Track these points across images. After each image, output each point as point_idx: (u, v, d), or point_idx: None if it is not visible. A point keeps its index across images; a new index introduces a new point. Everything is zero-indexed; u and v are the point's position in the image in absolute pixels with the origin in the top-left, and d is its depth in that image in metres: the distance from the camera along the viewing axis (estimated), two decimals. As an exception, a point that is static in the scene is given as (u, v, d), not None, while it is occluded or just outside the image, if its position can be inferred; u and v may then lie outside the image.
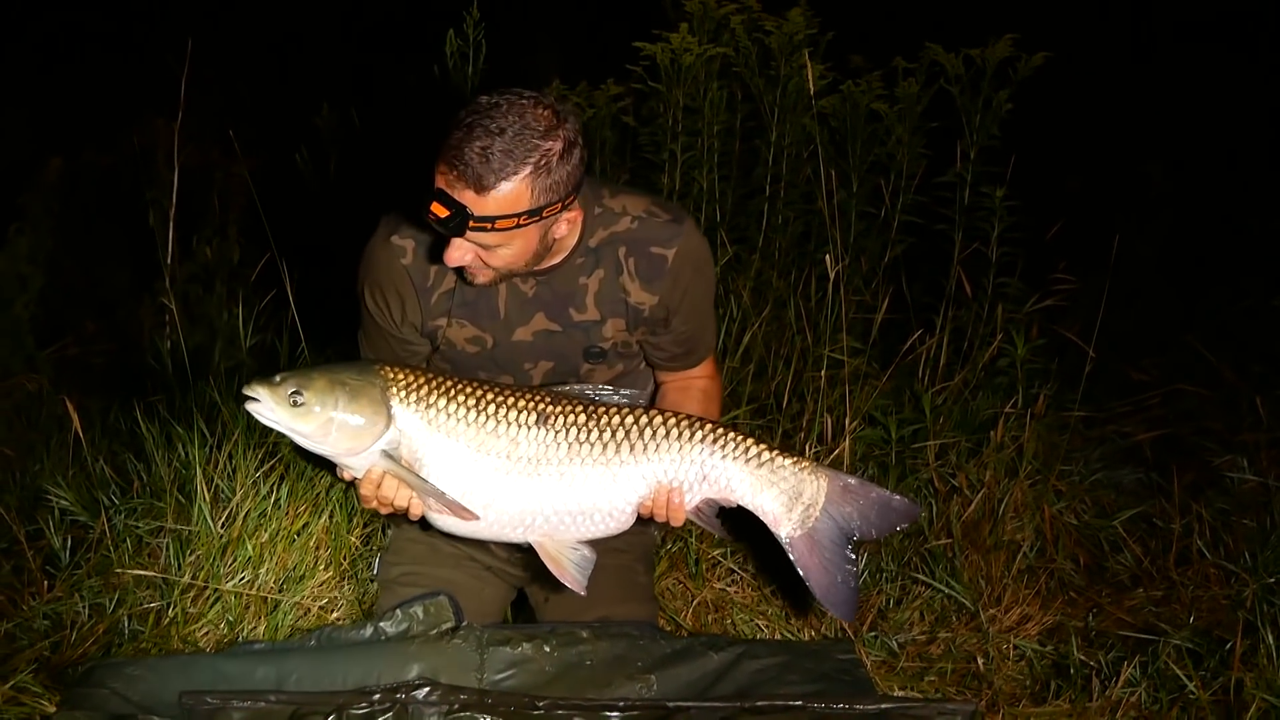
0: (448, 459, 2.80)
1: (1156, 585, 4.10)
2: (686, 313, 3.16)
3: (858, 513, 2.89)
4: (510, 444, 2.81)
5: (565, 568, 2.89)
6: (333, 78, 7.96)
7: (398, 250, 3.06)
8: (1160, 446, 4.94)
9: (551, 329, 3.10)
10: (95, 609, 3.57)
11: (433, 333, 3.13)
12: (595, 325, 3.11)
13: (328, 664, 2.80)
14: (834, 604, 2.93)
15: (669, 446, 2.85)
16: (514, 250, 2.82)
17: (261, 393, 2.71)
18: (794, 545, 2.90)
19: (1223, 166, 7.87)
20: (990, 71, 4.70)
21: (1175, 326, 5.97)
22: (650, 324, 3.14)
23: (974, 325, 4.78)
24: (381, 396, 2.76)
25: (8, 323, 5.57)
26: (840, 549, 2.90)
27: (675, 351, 3.25)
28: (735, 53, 4.96)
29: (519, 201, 2.71)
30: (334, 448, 2.76)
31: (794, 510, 2.88)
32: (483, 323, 3.10)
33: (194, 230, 5.78)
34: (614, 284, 3.07)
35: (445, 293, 3.08)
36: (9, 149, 7.66)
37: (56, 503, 4.01)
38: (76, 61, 9.20)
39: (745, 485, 2.88)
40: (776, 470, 2.87)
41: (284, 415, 2.71)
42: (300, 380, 2.72)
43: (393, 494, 2.81)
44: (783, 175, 5.09)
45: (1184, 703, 3.37)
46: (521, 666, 2.86)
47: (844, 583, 2.90)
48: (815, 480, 2.88)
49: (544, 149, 2.70)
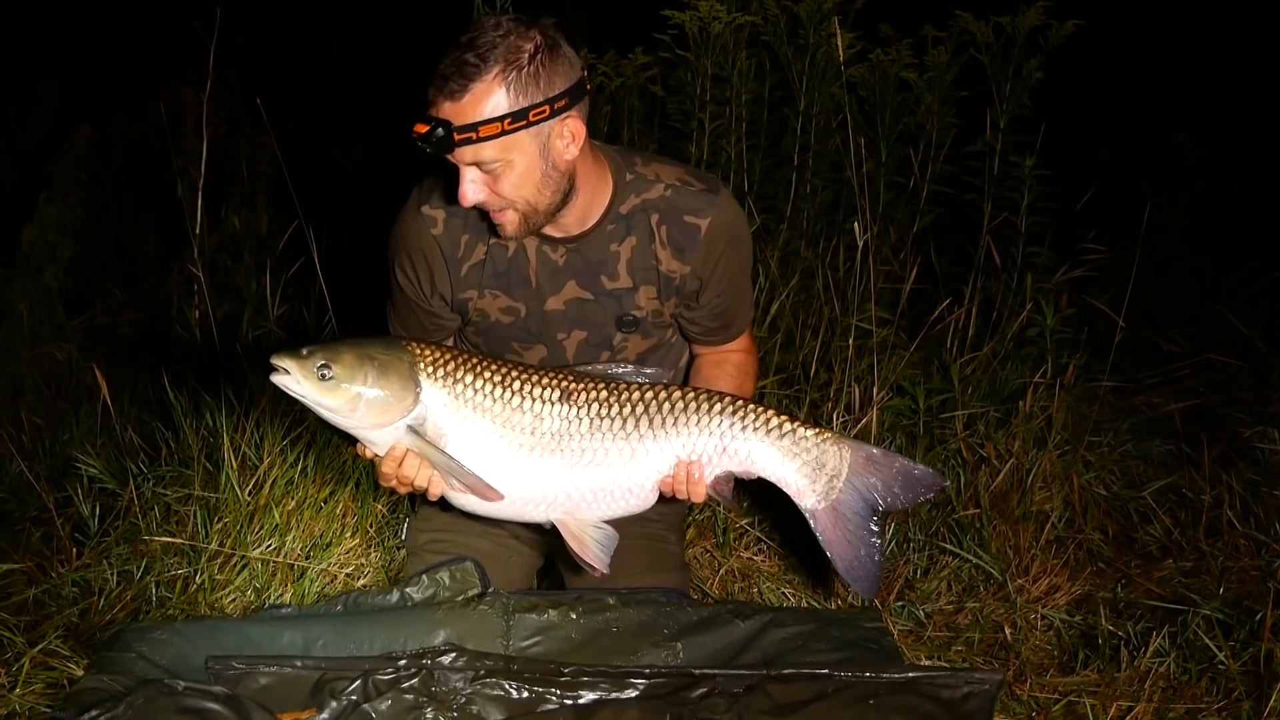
0: (473, 435, 2.78)
1: (1186, 556, 4.09)
2: (721, 286, 3.12)
3: (881, 483, 2.85)
4: (534, 420, 2.78)
5: (588, 545, 2.86)
6: (360, 47, 7.95)
7: (428, 220, 3.05)
8: (1190, 417, 4.91)
9: (584, 297, 3.08)
10: (123, 576, 3.59)
11: (463, 305, 3.12)
12: (628, 293, 3.08)
13: (354, 629, 2.81)
14: (857, 578, 2.89)
15: (689, 421, 2.82)
16: (518, 171, 2.77)
17: (290, 364, 2.68)
18: (817, 517, 2.87)
19: (1254, 136, 7.81)
20: (1020, 40, 4.67)
21: (1205, 296, 5.91)
22: (682, 295, 3.11)
23: (1003, 295, 4.76)
24: (409, 372, 2.73)
25: (37, 291, 5.60)
26: (864, 521, 2.86)
27: (710, 325, 3.22)
28: (764, 21, 4.94)
29: (496, 102, 2.70)
30: (360, 422, 2.74)
31: (818, 482, 2.85)
32: (515, 292, 3.08)
33: (222, 200, 5.80)
34: (646, 251, 3.05)
35: (476, 264, 3.06)
36: (39, 118, 7.69)
37: (85, 470, 4.04)
38: (106, 31, 9.20)
39: (768, 457, 2.85)
40: (799, 442, 2.84)
41: (311, 389, 2.68)
42: (329, 354, 2.69)
43: (414, 473, 2.78)
44: (811, 144, 5.07)
45: (1213, 673, 3.36)
46: (547, 633, 2.86)
47: (868, 556, 2.87)
48: (838, 451, 2.85)
49: (512, 45, 2.70)
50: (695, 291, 3.11)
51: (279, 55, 8.69)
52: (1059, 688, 3.39)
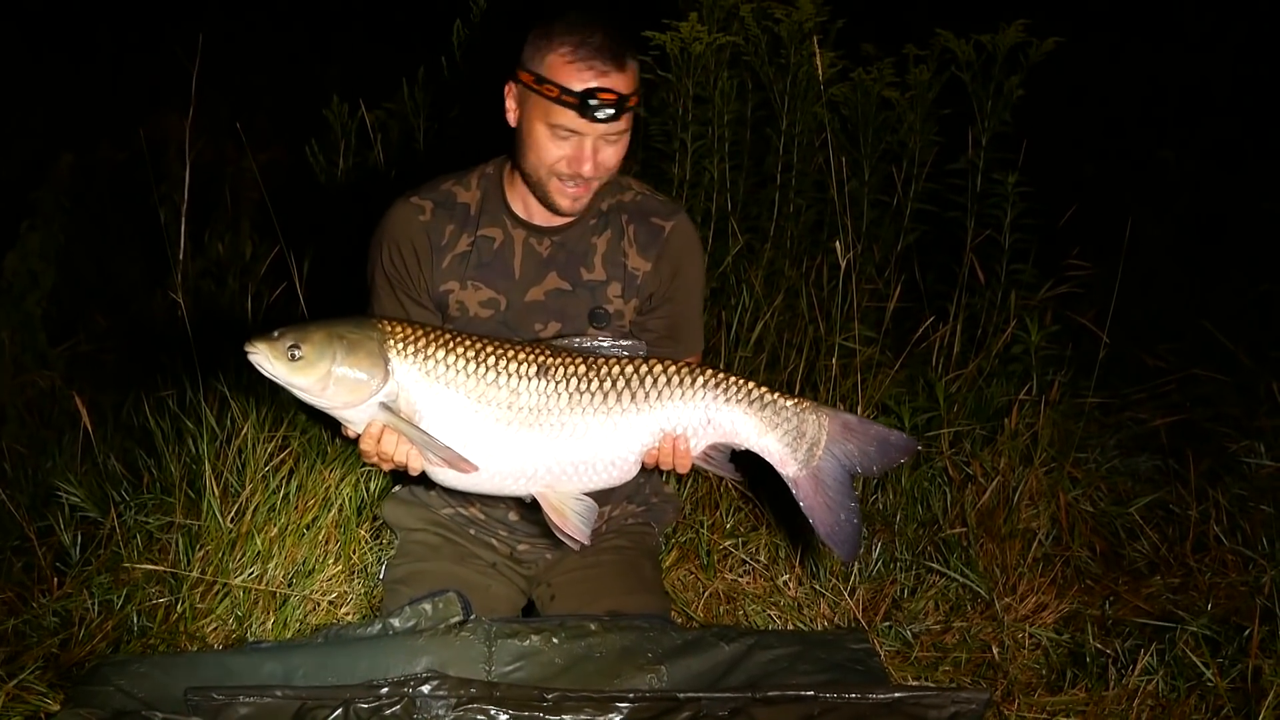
0: (447, 410, 2.82)
1: (1173, 572, 4.07)
2: (675, 292, 3.27)
3: (858, 449, 2.96)
4: (511, 394, 2.82)
5: (568, 517, 2.91)
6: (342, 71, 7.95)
7: (416, 208, 3.17)
8: (1176, 432, 4.89)
9: (562, 288, 3.19)
10: (104, 605, 3.56)
11: (443, 298, 3.18)
12: (601, 286, 3.21)
13: (334, 659, 2.79)
14: (838, 542, 3.00)
15: (671, 393, 2.89)
16: (626, 143, 3.05)
17: (260, 347, 2.73)
18: (799, 484, 2.97)
19: (1237, 151, 7.83)
20: (1001, 57, 4.68)
21: (1191, 311, 5.91)
22: (642, 296, 3.24)
23: (987, 312, 4.77)
24: (379, 349, 2.78)
25: (20, 319, 5.56)
26: (844, 486, 2.97)
27: (661, 334, 3.29)
28: (745, 41, 4.95)
29: (637, 79, 2.99)
30: (332, 401, 2.78)
31: (799, 450, 2.94)
32: (497, 284, 3.18)
33: (206, 225, 5.79)
34: (616, 248, 3.21)
35: (459, 255, 3.16)
36: (21, 145, 7.67)
37: (67, 499, 4.01)
38: (88, 57, 9.20)
39: (750, 427, 2.93)
40: (780, 411, 2.93)
41: (282, 369, 2.73)
42: (298, 334, 2.74)
43: (392, 449, 2.83)
44: (794, 164, 5.08)
45: (1201, 690, 3.34)
46: (530, 659, 2.85)
47: (847, 520, 2.98)
48: (817, 419, 2.95)
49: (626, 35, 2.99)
50: (651, 294, 3.24)
51: (261, 80, 8.70)
52: (1047, 707, 3.38)
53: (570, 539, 2.92)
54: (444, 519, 3.41)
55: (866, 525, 4.10)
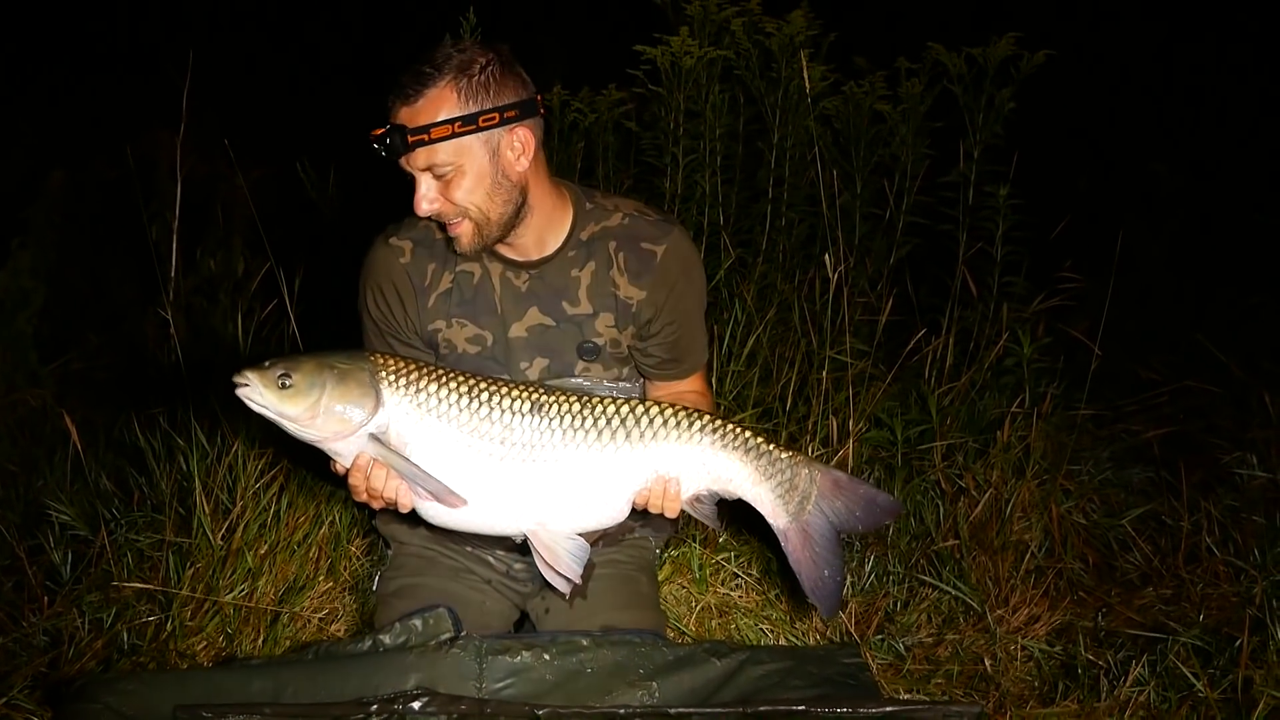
0: (438, 444, 2.79)
1: (1166, 584, 4.08)
2: (674, 315, 3.18)
3: (845, 507, 2.92)
4: (504, 430, 2.79)
5: (560, 557, 2.88)
6: (333, 88, 7.96)
7: (396, 250, 3.12)
8: (1169, 444, 4.89)
9: (545, 323, 3.13)
10: (94, 624, 3.55)
11: (431, 337, 3.15)
12: (588, 319, 3.13)
13: (324, 676, 2.77)
14: (820, 598, 2.95)
15: (668, 435, 2.85)
16: (470, 176, 2.88)
17: (250, 377, 2.70)
18: (788, 536, 2.93)
19: (1231, 163, 7.84)
20: (992, 71, 4.70)
21: (1183, 324, 5.93)
22: (638, 323, 3.16)
23: (980, 325, 4.77)
24: (370, 380, 2.75)
25: (11, 337, 5.56)
26: (830, 543, 2.93)
27: (664, 357, 3.24)
28: (736, 55, 4.96)
29: (448, 104, 2.83)
30: (321, 431, 2.74)
31: (790, 502, 2.91)
32: (481, 320, 3.13)
33: (197, 243, 5.78)
34: (605, 278, 3.12)
35: (443, 293, 3.12)
36: (12, 163, 7.67)
37: (57, 518, 4.00)
38: (79, 75, 9.21)
39: (744, 477, 2.89)
40: (775, 462, 2.89)
41: (272, 399, 2.70)
42: (289, 364, 2.72)
43: (381, 484, 2.79)
44: (786, 178, 5.08)
45: (1193, 701, 3.35)
46: (521, 675, 2.83)
47: (831, 576, 2.94)
48: (809, 473, 2.90)
49: (464, 58, 2.85)
50: (649, 320, 3.16)
51: (252, 97, 8.70)
52: (1039, 719, 3.37)
53: (562, 579, 2.90)
54: (440, 533, 3.39)
55: (859, 540, 4.10)
